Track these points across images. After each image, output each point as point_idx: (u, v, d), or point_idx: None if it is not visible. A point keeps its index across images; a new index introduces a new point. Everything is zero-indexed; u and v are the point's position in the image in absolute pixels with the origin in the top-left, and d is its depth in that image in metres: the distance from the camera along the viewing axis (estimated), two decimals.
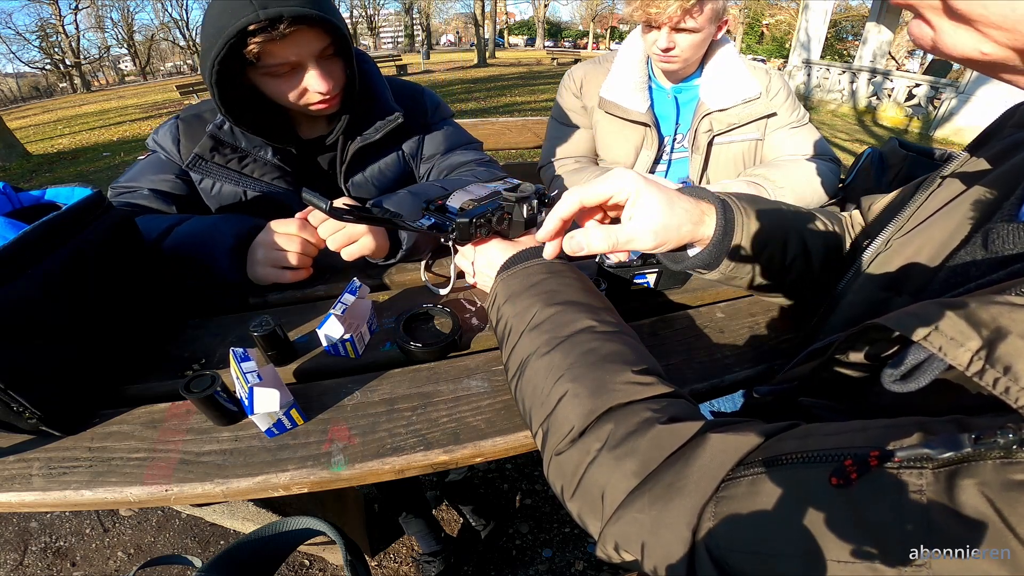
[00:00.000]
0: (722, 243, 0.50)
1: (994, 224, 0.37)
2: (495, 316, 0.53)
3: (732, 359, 0.63)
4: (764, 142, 1.17)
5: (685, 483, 0.30)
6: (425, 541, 1.30)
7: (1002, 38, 0.28)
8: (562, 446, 0.37)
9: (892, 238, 0.47)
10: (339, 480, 0.49)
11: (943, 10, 0.29)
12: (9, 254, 0.45)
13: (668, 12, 0.95)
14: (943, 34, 0.30)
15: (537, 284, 0.50)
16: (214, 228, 0.70)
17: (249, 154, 0.81)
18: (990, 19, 0.27)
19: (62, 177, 6.06)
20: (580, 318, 0.45)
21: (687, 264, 0.53)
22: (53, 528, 1.48)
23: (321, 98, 0.75)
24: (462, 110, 8.36)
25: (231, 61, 0.66)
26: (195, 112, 0.86)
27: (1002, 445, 0.21)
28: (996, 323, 0.24)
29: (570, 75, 1.25)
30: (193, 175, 0.82)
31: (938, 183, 0.47)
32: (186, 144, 0.82)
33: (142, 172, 0.82)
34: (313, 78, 0.72)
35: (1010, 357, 0.23)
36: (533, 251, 0.56)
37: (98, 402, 0.56)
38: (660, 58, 1.05)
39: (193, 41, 39.81)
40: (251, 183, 0.83)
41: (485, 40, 21.15)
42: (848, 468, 0.24)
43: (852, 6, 21.13)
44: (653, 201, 0.45)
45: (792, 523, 0.25)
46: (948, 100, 7.18)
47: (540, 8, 45.15)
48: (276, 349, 0.59)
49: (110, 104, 15.03)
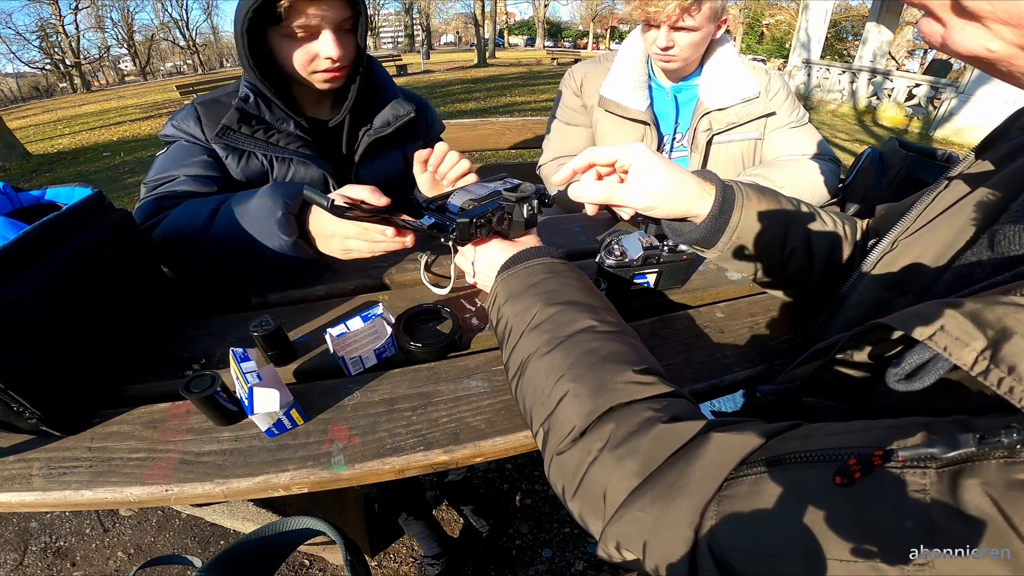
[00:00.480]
0: (718, 219, 0.53)
1: (1000, 225, 0.37)
2: (495, 316, 0.53)
3: (732, 359, 0.63)
4: (763, 142, 1.18)
5: (687, 482, 0.30)
6: (426, 543, 1.30)
7: (1009, 35, 0.28)
8: (563, 446, 0.37)
9: (898, 239, 0.47)
10: (339, 480, 0.49)
11: (952, 7, 0.30)
12: (9, 254, 0.45)
13: (667, 11, 0.95)
14: (952, 31, 0.30)
15: (537, 284, 0.50)
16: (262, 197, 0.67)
17: (273, 126, 0.83)
18: (997, 15, 0.27)
19: (62, 177, 6.06)
20: (581, 318, 0.45)
21: (686, 237, 0.56)
22: (53, 528, 1.48)
23: (330, 65, 0.77)
24: (462, 110, 8.36)
25: (257, 20, 0.70)
26: (211, 97, 0.87)
27: (1006, 445, 0.21)
28: (1001, 323, 0.24)
29: (570, 74, 1.26)
30: (219, 151, 0.82)
31: (944, 184, 0.47)
32: (208, 125, 0.82)
33: (173, 161, 0.81)
34: (328, 43, 0.75)
35: (1015, 357, 0.23)
36: (533, 251, 0.56)
37: (98, 402, 0.56)
38: (659, 57, 1.05)
39: (193, 41, 39.83)
40: (278, 151, 0.84)
41: (485, 40, 21.15)
42: (852, 467, 0.24)
43: (852, 6, 21.13)
44: (655, 168, 0.51)
45: (793, 522, 0.25)
46: (948, 100, 7.18)
47: (540, 8, 45.15)
48: (276, 349, 0.59)
49: (110, 104, 15.02)
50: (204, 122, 0.83)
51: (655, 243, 0.70)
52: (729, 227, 0.53)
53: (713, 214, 0.52)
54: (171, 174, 0.80)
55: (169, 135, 0.84)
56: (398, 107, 0.91)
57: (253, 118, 0.81)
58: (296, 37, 0.75)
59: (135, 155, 6.59)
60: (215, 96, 0.87)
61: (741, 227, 0.53)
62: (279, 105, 0.82)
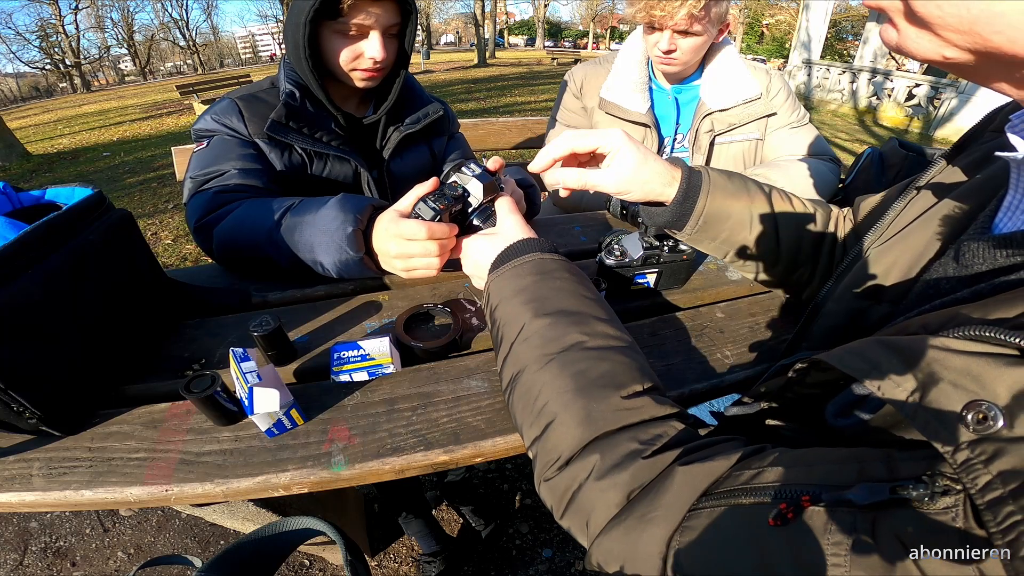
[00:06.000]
0: (683, 204, 0.57)
1: (966, 238, 0.37)
2: (489, 319, 0.52)
3: (732, 359, 0.63)
4: (764, 142, 1.18)
5: (655, 515, 0.32)
6: (425, 541, 1.30)
7: (960, 41, 0.27)
8: (550, 473, 0.38)
9: (871, 247, 0.47)
10: (339, 480, 0.49)
11: (904, 13, 0.29)
12: (9, 254, 0.45)
13: (676, 18, 0.94)
14: (906, 38, 0.30)
15: (526, 289, 0.49)
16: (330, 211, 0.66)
17: (316, 122, 0.84)
18: (946, 21, 0.27)
19: (62, 177, 6.05)
20: (570, 332, 0.44)
21: (655, 220, 0.60)
22: (53, 528, 1.48)
23: (372, 65, 0.80)
24: (462, 110, 8.35)
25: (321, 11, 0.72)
26: (249, 92, 0.87)
27: (915, 497, 0.22)
28: (930, 367, 0.25)
29: (570, 75, 1.25)
30: (263, 145, 0.83)
31: (915, 192, 0.47)
32: (252, 120, 0.83)
33: (218, 155, 0.80)
34: (375, 44, 0.78)
35: (939, 402, 0.24)
36: (521, 246, 0.54)
37: (98, 402, 0.56)
38: (660, 60, 1.05)
39: (193, 41, 39.81)
40: (322, 146, 0.85)
41: (485, 40, 21.16)
42: (783, 511, 0.26)
43: (852, 6, 21.12)
44: (629, 156, 0.54)
45: (742, 556, 0.27)
46: (948, 100, 7.17)
47: (540, 8, 45.15)
48: (276, 349, 0.59)
49: (110, 104, 15.02)
50: (247, 116, 0.83)
51: (655, 243, 0.70)
52: (695, 211, 0.57)
53: (677, 200, 0.57)
54: (220, 168, 0.79)
55: (209, 129, 0.84)
56: (427, 105, 0.96)
57: (300, 114, 0.82)
58: (347, 34, 0.77)
59: (135, 155, 6.59)
60: (252, 92, 0.87)
61: (707, 211, 0.57)
62: (325, 101, 0.84)
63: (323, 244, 0.65)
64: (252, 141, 0.83)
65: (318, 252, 0.65)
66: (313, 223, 0.66)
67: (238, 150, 0.81)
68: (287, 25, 0.80)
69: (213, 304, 0.73)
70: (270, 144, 0.83)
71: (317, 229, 0.65)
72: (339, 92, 0.90)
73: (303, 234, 0.67)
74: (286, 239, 0.68)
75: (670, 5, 0.93)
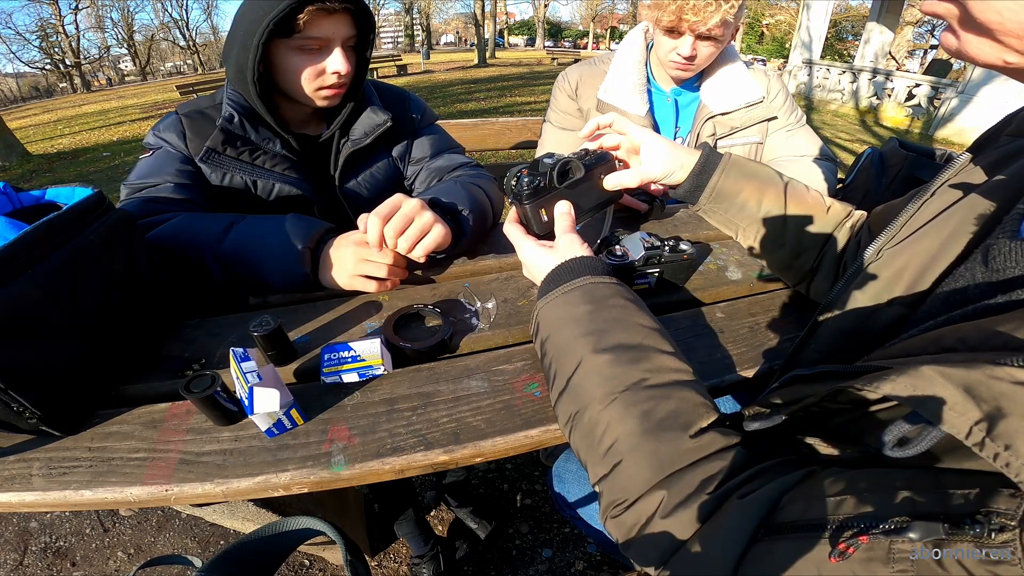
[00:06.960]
0: (699, 177, 0.64)
1: (995, 240, 0.36)
2: (539, 349, 0.51)
3: (732, 359, 0.63)
4: (764, 145, 1.17)
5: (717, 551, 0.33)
6: (415, 543, 1.30)
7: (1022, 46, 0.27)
8: (617, 511, 0.39)
9: (883, 248, 0.46)
10: (339, 480, 0.49)
11: (963, 20, 0.29)
12: (9, 254, 0.45)
13: (710, 23, 0.89)
14: (967, 44, 0.30)
15: (580, 321, 0.47)
16: (280, 229, 0.70)
17: (259, 146, 0.82)
18: (1007, 26, 0.27)
19: (62, 177, 6.06)
20: (631, 371, 0.43)
21: (676, 193, 0.67)
22: (53, 528, 1.48)
23: (336, 81, 0.79)
24: (462, 110, 8.36)
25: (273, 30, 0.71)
26: (194, 108, 0.86)
27: (971, 535, 0.23)
28: (997, 401, 0.25)
29: (564, 77, 1.22)
30: (204, 168, 0.82)
31: (931, 193, 0.46)
32: (192, 138, 0.82)
33: (158, 167, 0.81)
34: (337, 58, 0.77)
35: (1010, 436, 0.24)
36: (572, 267, 0.53)
37: (98, 402, 0.56)
38: (677, 66, 1.00)
39: (193, 41, 39.81)
40: (264, 173, 0.84)
41: (485, 40, 21.15)
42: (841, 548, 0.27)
43: (852, 6, 21.13)
44: (661, 144, 0.65)
45: None
46: (949, 100, 7.17)
47: (540, 8, 45.14)
48: (276, 349, 0.59)
49: (110, 104, 15.03)
50: (188, 136, 0.83)
51: (657, 243, 0.70)
52: (708, 186, 0.64)
53: (695, 171, 0.64)
54: (157, 180, 0.80)
55: (151, 144, 0.84)
56: (373, 116, 0.89)
57: (238, 139, 0.80)
58: (307, 51, 0.76)
59: (135, 155, 6.56)
60: (199, 107, 0.86)
61: (720, 187, 0.64)
62: (268, 123, 0.81)
63: (271, 259, 0.68)
64: (191, 158, 0.82)
65: (263, 267, 0.69)
66: (263, 240, 0.69)
67: (177, 165, 0.81)
68: (228, 46, 0.77)
69: (213, 304, 0.73)
70: (209, 165, 0.81)
71: (269, 245, 0.69)
72: (295, 113, 0.88)
73: (250, 250, 0.69)
74: (231, 252, 0.69)
75: (705, 10, 0.87)
